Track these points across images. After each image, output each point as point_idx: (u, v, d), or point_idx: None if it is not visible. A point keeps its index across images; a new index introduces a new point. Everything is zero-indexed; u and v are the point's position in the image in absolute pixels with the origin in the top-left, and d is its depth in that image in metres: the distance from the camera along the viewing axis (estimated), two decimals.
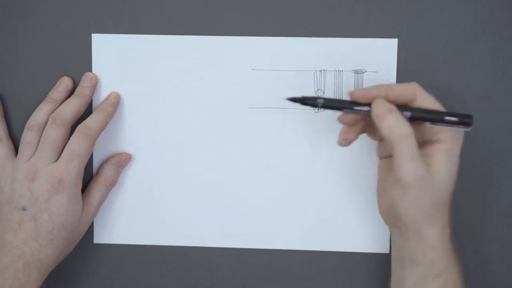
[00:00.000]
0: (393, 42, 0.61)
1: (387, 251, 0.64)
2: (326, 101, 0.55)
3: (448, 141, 0.53)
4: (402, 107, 0.54)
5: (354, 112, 0.55)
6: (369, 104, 0.54)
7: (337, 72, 0.62)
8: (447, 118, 0.53)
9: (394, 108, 0.53)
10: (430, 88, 0.56)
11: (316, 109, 0.62)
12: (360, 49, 0.61)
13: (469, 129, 0.53)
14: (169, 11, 0.62)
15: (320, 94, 0.62)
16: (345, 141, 0.57)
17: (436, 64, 0.61)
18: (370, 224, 0.63)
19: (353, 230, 0.64)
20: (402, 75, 0.61)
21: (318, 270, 0.64)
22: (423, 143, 0.54)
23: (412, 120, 0.53)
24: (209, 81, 0.63)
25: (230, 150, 0.63)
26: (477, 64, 0.61)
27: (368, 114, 0.54)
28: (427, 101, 0.54)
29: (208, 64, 0.62)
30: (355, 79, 0.62)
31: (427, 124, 0.54)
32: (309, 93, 0.62)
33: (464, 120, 0.53)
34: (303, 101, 0.55)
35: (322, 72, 0.62)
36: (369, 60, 0.61)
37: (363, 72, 0.61)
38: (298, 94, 0.62)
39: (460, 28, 0.61)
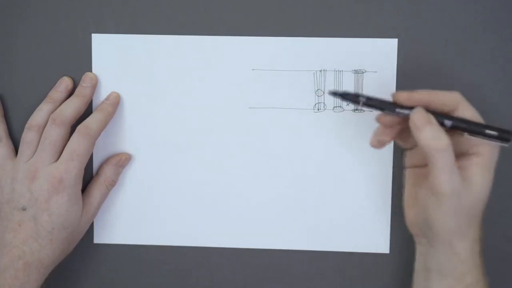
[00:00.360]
0: (393, 42, 0.61)
1: (387, 251, 0.64)
2: (367, 100, 0.53)
3: (486, 155, 0.52)
4: (443, 115, 0.53)
5: (394, 114, 0.53)
6: (411, 108, 0.53)
7: (337, 72, 0.62)
8: (487, 131, 0.52)
9: (433, 118, 0.52)
10: (430, 88, 0.56)
11: (316, 109, 0.62)
12: (360, 49, 0.61)
13: (507, 144, 0.52)
14: (169, 11, 0.62)
15: (320, 94, 0.62)
16: (379, 143, 0.56)
17: (436, 64, 0.61)
18: (370, 224, 0.63)
19: (353, 230, 0.64)
20: (402, 75, 0.61)
21: (318, 270, 0.64)
22: (460, 154, 0.53)
23: (452, 129, 0.52)
24: (209, 81, 0.63)
25: (230, 150, 0.63)
26: (477, 64, 0.61)
27: (407, 118, 0.53)
28: (468, 112, 0.53)
29: (208, 64, 0.62)
30: (355, 79, 0.62)
31: (466, 136, 0.52)
32: (309, 93, 0.62)
33: (503, 136, 0.52)
34: (344, 96, 0.54)
35: (322, 72, 0.62)
36: (369, 60, 0.61)
37: (363, 72, 0.61)
38: (298, 94, 0.62)
39: (460, 28, 0.61)
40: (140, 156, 0.64)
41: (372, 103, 0.53)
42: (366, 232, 0.64)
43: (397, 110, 0.53)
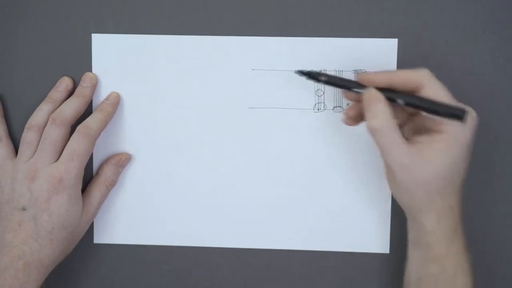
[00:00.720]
0: (393, 42, 0.61)
1: (387, 251, 0.64)
2: (328, 78, 0.56)
3: (447, 132, 0.53)
4: (399, 93, 0.54)
5: (353, 92, 0.55)
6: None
7: (337, 72, 0.62)
8: (439, 109, 0.53)
9: (380, 98, 0.53)
10: None
11: (316, 109, 0.62)
12: (360, 49, 0.61)
13: (463, 123, 0.52)
14: (169, 11, 0.62)
15: (320, 94, 0.62)
16: (347, 119, 0.57)
17: (436, 64, 0.61)
18: (370, 224, 0.63)
19: (353, 230, 0.64)
20: None
21: (318, 270, 0.64)
22: (425, 131, 0.55)
23: (409, 107, 0.54)
24: (209, 81, 0.63)
25: (230, 150, 0.63)
26: (477, 64, 0.61)
27: None
28: (433, 90, 0.54)
29: (208, 64, 0.62)
30: (355, 79, 0.61)
31: (424, 114, 0.54)
32: (309, 93, 0.62)
33: (454, 113, 0.52)
34: (309, 74, 0.56)
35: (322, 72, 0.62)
36: (369, 60, 0.61)
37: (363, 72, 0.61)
38: (298, 94, 0.62)
39: (460, 28, 0.61)
40: (140, 156, 0.64)
41: (332, 80, 0.56)
42: (366, 232, 0.64)
43: (354, 89, 0.55)
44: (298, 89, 0.62)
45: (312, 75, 0.56)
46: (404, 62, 0.61)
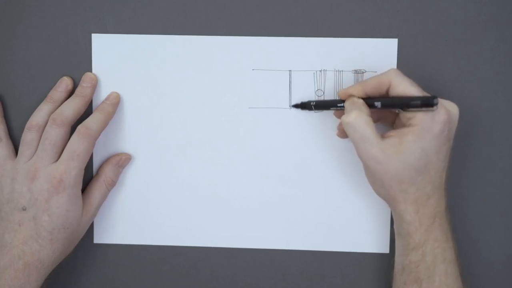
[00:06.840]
0: (393, 42, 0.61)
1: (387, 251, 0.64)
2: (316, 103, 0.61)
3: (417, 125, 0.54)
4: (375, 98, 0.56)
5: (339, 109, 0.59)
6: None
7: (337, 72, 0.62)
8: (410, 102, 0.54)
9: (357, 100, 0.56)
10: (429, 88, 0.56)
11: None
12: (360, 49, 0.61)
13: (433, 109, 0.53)
14: (169, 11, 0.62)
15: (320, 94, 0.62)
16: (338, 131, 0.61)
17: (436, 64, 0.61)
18: (370, 224, 0.63)
19: (353, 230, 0.64)
20: None
21: (318, 270, 0.64)
22: (401, 127, 0.56)
23: (385, 108, 0.57)
24: (209, 81, 0.63)
25: (230, 150, 0.63)
26: (477, 64, 0.61)
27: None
28: (402, 86, 0.55)
29: (208, 64, 0.62)
30: (355, 79, 0.62)
31: (399, 111, 0.56)
32: (309, 93, 0.62)
33: (426, 101, 0.54)
34: (302, 106, 0.62)
35: (322, 72, 0.62)
36: (369, 60, 0.61)
37: (363, 72, 0.62)
38: (298, 94, 0.62)
39: (460, 28, 0.61)
40: (140, 156, 0.64)
41: (320, 104, 0.61)
42: (366, 232, 0.64)
43: (338, 104, 0.59)
44: (298, 89, 0.62)
45: (304, 105, 0.61)
46: (404, 62, 0.61)
